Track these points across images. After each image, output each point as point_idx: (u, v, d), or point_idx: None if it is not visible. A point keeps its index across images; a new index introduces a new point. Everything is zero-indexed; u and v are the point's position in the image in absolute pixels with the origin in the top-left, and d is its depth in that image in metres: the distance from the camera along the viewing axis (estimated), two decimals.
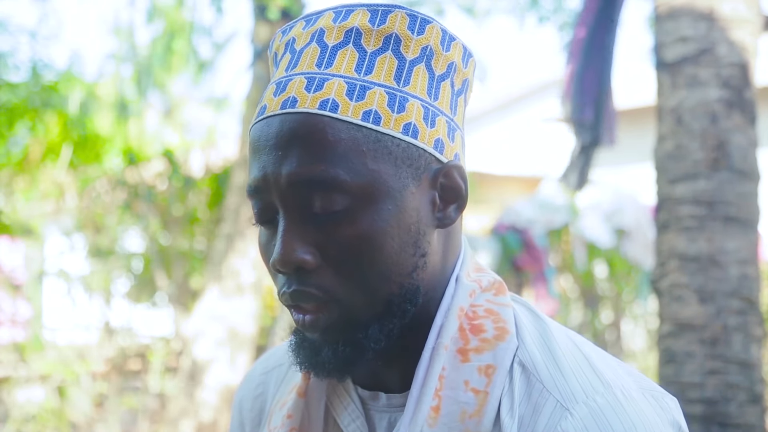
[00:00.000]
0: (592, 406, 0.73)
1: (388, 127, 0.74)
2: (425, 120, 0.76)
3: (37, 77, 6.27)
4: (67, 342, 6.10)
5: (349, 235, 0.73)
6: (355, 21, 0.77)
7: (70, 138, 6.15)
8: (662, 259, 2.42)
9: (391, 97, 0.75)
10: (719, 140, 2.35)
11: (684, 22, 2.43)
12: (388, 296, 0.75)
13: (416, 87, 0.76)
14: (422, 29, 0.78)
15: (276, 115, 0.75)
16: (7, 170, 6.09)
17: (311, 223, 0.74)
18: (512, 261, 5.46)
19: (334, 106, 0.74)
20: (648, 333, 6.57)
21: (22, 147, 6.21)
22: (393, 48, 0.77)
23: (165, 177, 5.99)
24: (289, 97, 0.75)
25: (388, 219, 0.74)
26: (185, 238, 6.04)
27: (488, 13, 6.71)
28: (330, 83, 0.75)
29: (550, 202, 5.66)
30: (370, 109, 0.74)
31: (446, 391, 0.76)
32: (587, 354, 0.79)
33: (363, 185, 0.73)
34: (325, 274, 0.74)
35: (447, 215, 0.79)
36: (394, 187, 0.74)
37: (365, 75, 0.75)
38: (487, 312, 0.79)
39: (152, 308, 6.18)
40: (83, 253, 6.15)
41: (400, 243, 0.75)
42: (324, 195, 0.73)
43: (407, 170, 0.75)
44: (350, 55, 0.76)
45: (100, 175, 6.10)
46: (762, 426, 2.29)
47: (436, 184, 0.78)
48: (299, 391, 0.84)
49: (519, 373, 0.76)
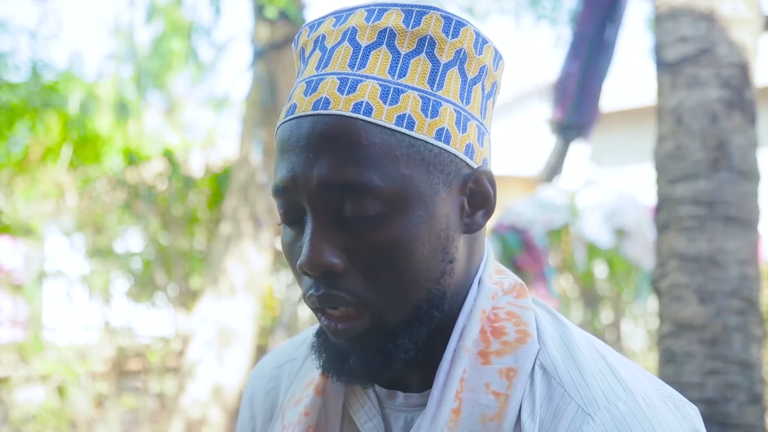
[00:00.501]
0: (614, 412, 0.72)
1: (422, 132, 0.74)
2: (457, 125, 0.76)
3: (37, 77, 6.28)
4: (67, 342, 6.10)
5: (379, 240, 0.73)
6: (389, 21, 0.76)
7: (70, 138, 6.15)
8: (662, 259, 2.42)
9: (424, 101, 0.74)
10: (719, 140, 2.35)
11: (684, 22, 2.43)
12: (416, 302, 0.75)
13: (449, 91, 0.76)
14: (457, 32, 0.77)
15: (307, 116, 0.74)
16: (7, 170, 6.09)
17: (340, 226, 0.73)
18: (512, 261, 5.46)
19: (368, 109, 0.73)
20: (648, 333, 6.57)
21: (22, 147, 6.21)
22: (427, 50, 0.75)
23: (165, 177, 5.99)
24: (322, 98, 0.74)
25: (419, 225, 0.73)
26: (185, 238, 6.04)
27: (488, 13, 6.71)
28: (363, 85, 0.74)
29: (550, 202, 5.66)
30: (404, 113, 0.73)
31: (467, 394, 0.75)
32: (609, 359, 0.78)
33: (395, 191, 0.72)
34: (353, 279, 0.74)
35: (475, 221, 0.79)
36: (426, 193, 0.74)
37: (399, 78, 0.74)
38: (509, 315, 0.79)
39: (152, 308, 6.18)
40: (83, 253, 6.15)
41: (430, 249, 0.74)
42: (355, 199, 0.72)
43: (439, 176, 0.75)
44: (384, 57, 0.75)
45: (100, 175, 6.10)
46: (762, 426, 2.29)
47: (465, 189, 0.77)
48: (317, 388, 0.83)
49: (540, 377, 0.76)
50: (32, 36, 6.37)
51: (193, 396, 4.93)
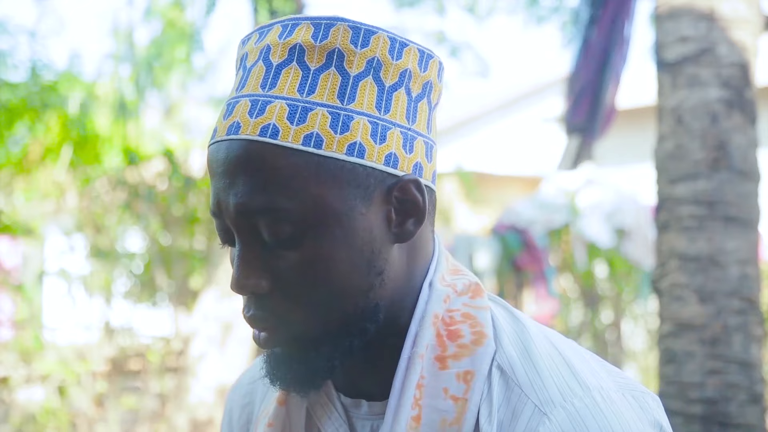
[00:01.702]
0: (570, 409, 0.72)
1: (331, 149, 0.72)
2: (373, 137, 0.74)
3: (36, 77, 6.27)
4: (67, 342, 6.09)
5: (297, 260, 0.73)
6: (299, 37, 0.75)
7: (69, 138, 6.14)
8: (662, 259, 2.42)
9: (334, 117, 0.73)
10: (719, 140, 2.35)
11: (684, 22, 2.43)
12: (341, 317, 0.75)
13: (362, 103, 0.74)
14: (366, 41, 0.75)
15: (223, 141, 0.74)
16: (7, 170, 6.09)
17: (263, 248, 0.74)
18: (512, 261, 5.46)
19: (274, 132, 0.72)
20: (648, 333, 6.56)
21: (22, 147, 6.20)
22: (336, 64, 0.74)
23: (165, 177, 5.99)
24: (234, 122, 0.74)
25: (336, 243, 0.73)
26: (185, 238, 6.04)
27: (490, 12, 6.71)
28: (272, 106, 0.73)
29: (550, 202, 5.65)
30: (311, 132, 0.72)
31: (426, 400, 0.75)
32: (565, 355, 0.77)
33: (307, 212, 0.72)
34: (277, 299, 0.74)
35: (405, 230, 0.77)
36: (340, 210, 0.73)
37: (308, 95, 0.73)
38: (464, 316, 0.78)
39: (152, 308, 6.18)
40: (83, 253, 6.14)
41: (350, 265, 0.74)
42: (270, 223, 0.73)
43: (354, 191, 0.73)
44: (294, 74, 0.74)
45: (100, 175, 6.10)
46: (762, 426, 2.29)
47: (391, 199, 0.76)
48: (279, 399, 0.84)
49: (498, 377, 0.75)
50: (31, 35, 6.37)
51: (193, 395, 4.93)
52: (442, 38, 7.63)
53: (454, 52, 7.62)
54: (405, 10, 7.79)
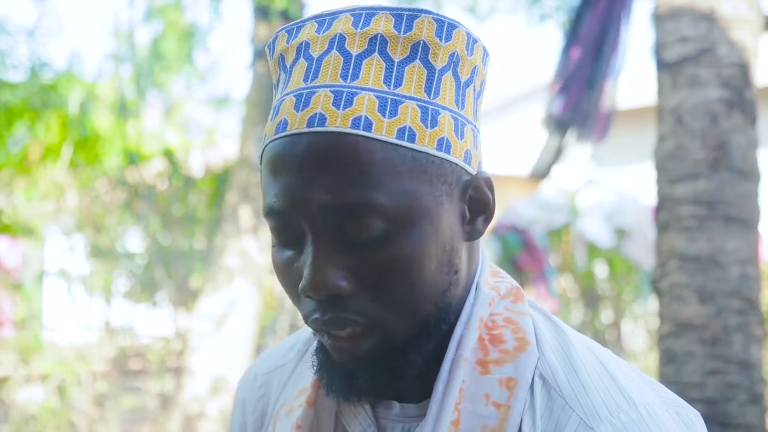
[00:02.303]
0: (617, 424, 0.70)
1: (423, 144, 0.70)
2: (456, 132, 0.73)
3: (36, 77, 6.27)
4: (67, 342, 6.10)
5: (387, 259, 0.69)
6: (378, 27, 0.72)
7: (69, 138, 6.14)
8: (662, 259, 2.42)
9: (423, 111, 0.71)
10: (719, 140, 2.35)
11: (684, 22, 2.43)
12: (424, 318, 0.73)
13: (446, 97, 0.72)
14: (449, 35, 0.73)
15: (302, 134, 0.70)
16: (7, 170, 6.09)
17: (344, 247, 0.70)
18: (512, 261, 5.46)
19: (367, 124, 0.69)
20: (648, 333, 6.57)
21: (22, 147, 6.20)
22: (421, 56, 0.72)
23: (165, 177, 6.00)
24: (317, 114, 0.69)
25: (426, 240, 0.70)
26: (185, 238, 6.04)
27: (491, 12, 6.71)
28: (360, 98, 0.69)
29: (550, 202, 5.66)
30: (404, 126, 0.69)
31: (466, 404, 0.73)
32: (609, 367, 0.76)
33: (400, 208, 0.69)
34: (361, 300, 0.71)
35: (476, 228, 0.76)
36: (431, 206, 0.71)
37: (395, 87, 0.70)
38: (506, 321, 0.76)
39: (152, 308, 6.19)
40: (83, 253, 6.15)
41: (437, 263, 0.72)
42: (360, 220, 0.69)
43: (442, 187, 0.72)
44: (377, 66, 0.71)
45: (100, 175, 6.10)
46: (762, 426, 2.29)
47: (466, 197, 0.75)
48: (309, 400, 0.81)
49: (540, 387, 0.73)
50: (31, 35, 6.37)
51: (194, 394, 4.93)
52: None
53: None
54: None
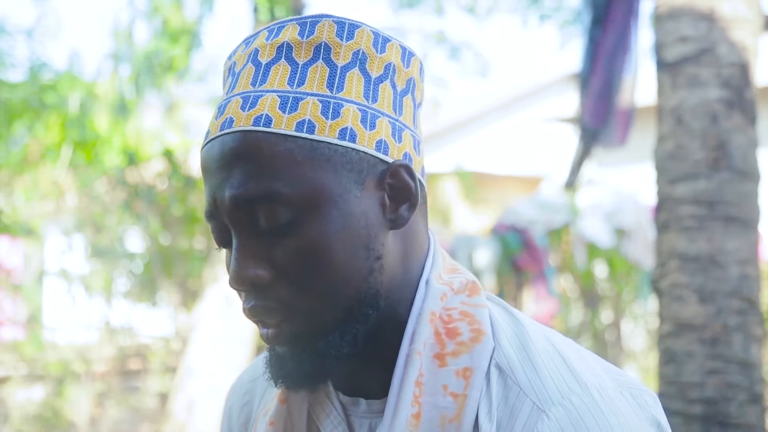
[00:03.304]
0: (568, 407, 0.72)
1: (323, 134, 0.74)
2: (363, 123, 0.76)
3: (35, 77, 6.26)
4: (67, 342, 6.10)
5: (296, 246, 0.74)
6: (285, 36, 0.78)
7: (69, 138, 6.14)
8: (662, 259, 2.42)
9: (324, 105, 0.75)
10: (719, 140, 2.35)
11: (684, 22, 2.43)
12: (346, 302, 0.75)
13: (351, 92, 0.76)
14: (351, 34, 0.78)
15: (217, 138, 0.76)
16: (6, 170, 6.09)
17: (261, 238, 0.75)
18: (512, 261, 5.47)
19: (267, 120, 0.74)
20: (648, 333, 6.57)
21: (22, 147, 6.20)
22: (324, 56, 0.77)
23: (165, 177, 6.00)
24: (227, 118, 0.76)
25: (333, 226, 0.74)
26: (185, 238, 6.05)
27: (490, 12, 6.71)
28: (263, 99, 0.75)
29: (550, 202, 5.66)
30: (303, 119, 0.74)
31: (425, 397, 0.75)
32: (564, 353, 0.78)
33: (304, 195, 0.73)
34: (280, 287, 0.75)
35: (399, 215, 0.78)
36: (336, 193, 0.74)
37: (298, 87, 0.76)
38: (462, 314, 0.79)
39: (152, 308, 6.19)
40: (83, 253, 6.15)
41: (349, 248, 0.75)
42: (267, 210, 0.73)
43: (348, 175, 0.75)
44: (283, 70, 0.77)
45: (100, 175, 6.10)
46: (762, 426, 2.29)
47: (384, 185, 0.77)
48: (281, 397, 0.84)
49: (496, 376, 0.75)
50: (30, 35, 6.36)
51: (193, 394, 4.93)
52: (441, 38, 7.63)
53: (454, 52, 7.62)
54: (404, 11, 7.79)
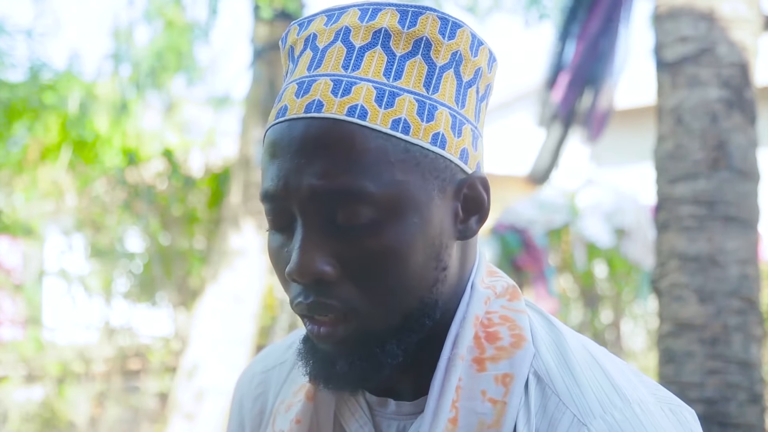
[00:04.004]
0: (610, 421, 0.71)
1: (418, 136, 0.71)
2: (453, 129, 0.74)
3: (35, 77, 6.26)
4: (67, 342, 6.10)
5: (373, 247, 0.70)
6: (383, 21, 0.74)
7: (69, 138, 6.14)
8: (662, 259, 2.42)
9: (420, 105, 0.72)
10: (719, 140, 2.35)
11: (684, 22, 2.43)
12: (407, 310, 0.73)
13: (445, 94, 0.73)
14: (453, 33, 0.74)
15: (300, 119, 0.71)
16: (6, 170, 6.09)
17: (332, 233, 0.71)
18: (512, 261, 5.47)
19: (363, 113, 0.70)
20: (648, 333, 6.57)
21: (22, 147, 6.19)
22: (423, 52, 0.73)
23: (165, 177, 6.00)
24: (315, 100, 0.71)
25: (414, 232, 0.71)
26: (185, 238, 6.04)
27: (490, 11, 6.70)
28: (358, 88, 0.71)
29: (550, 202, 5.66)
30: (399, 117, 0.71)
31: (463, 402, 0.73)
32: (603, 365, 0.76)
33: (390, 197, 0.70)
34: (345, 286, 0.72)
35: (469, 227, 0.77)
36: (421, 199, 0.72)
37: (394, 80, 0.72)
38: (503, 319, 0.77)
39: (152, 308, 6.19)
40: (83, 253, 6.15)
41: (423, 257, 0.72)
42: (349, 206, 0.70)
43: (434, 182, 0.72)
44: (378, 58, 0.73)
45: (99, 175, 6.10)
46: (762, 426, 2.29)
47: (460, 195, 0.75)
48: (308, 395, 0.81)
49: (534, 385, 0.74)
50: (30, 35, 6.36)
51: (193, 394, 4.93)
52: None
53: None
54: None
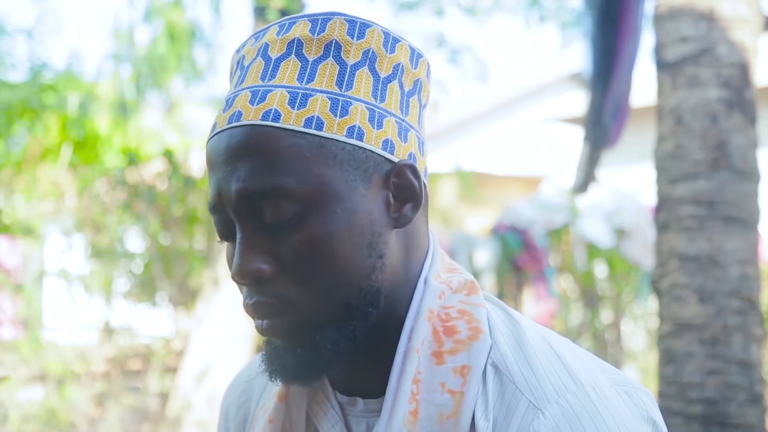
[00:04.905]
0: (564, 405, 0.73)
1: (331, 131, 0.75)
2: (371, 122, 0.77)
3: (35, 77, 6.26)
4: (67, 342, 6.10)
5: (300, 241, 0.74)
6: (296, 32, 0.78)
7: (69, 138, 6.14)
8: (662, 259, 2.42)
9: (333, 102, 0.75)
10: (719, 140, 2.35)
11: (684, 22, 2.43)
12: (346, 299, 0.76)
13: (360, 90, 0.77)
14: (362, 33, 0.78)
15: (224, 131, 0.76)
16: (6, 170, 6.09)
17: (265, 232, 0.75)
18: (512, 261, 5.47)
19: (276, 115, 0.74)
20: (648, 333, 6.57)
21: (22, 147, 6.20)
22: (334, 54, 0.77)
23: (165, 177, 5.99)
24: (235, 112, 0.76)
25: (338, 222, 0.74)
26: (185, 238, 6.04)
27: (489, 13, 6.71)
28: (272, 94, 0.76)
29: (550, 202, 5.66)
30: (312, 116, 0.75)
31: (423, 395, 0.76)
32: (559, 352, 0.78)
33: (310, 191, 0.74)
34: (282, 282, 0.75)
35: (403, 215, 0.79)
36: (342, 190, 0.75)
37: (307, 83, 0.76)
38: (460, 313, 0.79)
39: (152, 308, 6.19)
40: (83, 253, 6.15)
41: (353, 245, 0.75)
42: (273, 204, 0.74)
43: (354, 173, 0.75)
44: (293, 65, 0.77)
45: (99, 175, 6.10)
46: (762, 426, 2.29)
47: (389, 184, 0.78)
48: (280, 395, 0.84)
49: (492, 374, 0.76)
50: (30, 35, 6.36)
51: (193, 394, 4.93)
52: (441, 41, 7.62)
53: (454, 56, 7.61)
54: (404, 13, 7.78)
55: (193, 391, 4.97)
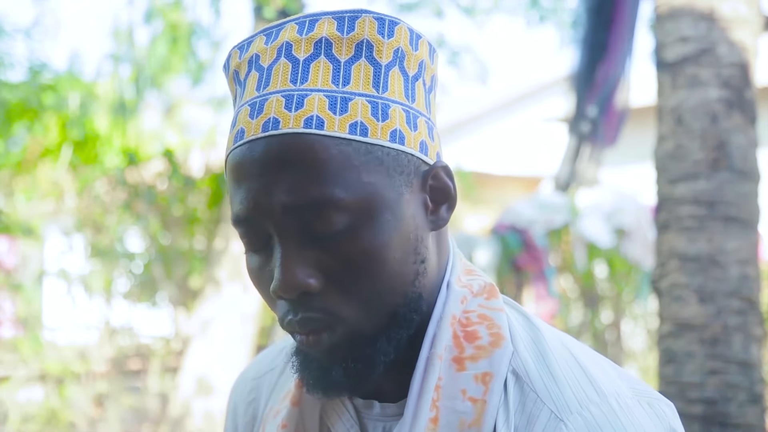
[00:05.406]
0: (587, 416, 0.72)
1: (376, 137, 0.72)
2: (408, 124, 0.75)
3: (35, 77, 6.26)
4: (67, 342, 6.10)
5: (351, 252, 0.71)
6: (322, 31, 0.74)
7: (69, 138, 6.14)
8: (662, 259, 2.42)
9: (373, 106, 0.73)
10: (719, 140, 2.35)
11: (684, 22, 2.43)
12: (393, 308, 0.74)
13: (394, 91, 0.75)
14: (392, 31, 0.75)
15: (258, 139, 0.72)
16: (6, 170, 6.09)
17: (310, 245, 0.72)
18: (512, 261, 5.46)
19: (319, 122, 0.71)
20: (648, 333, 6.57)
21: (22, 147, 6.19)
22: (366, 54, 0.74)
23: (165, 177, 6.00)
24: (270, 118, 0.72)
25: (389, 231, 0.72)
26: (185, 238, 6.05)
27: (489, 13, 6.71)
28: (310, 99, 0.72)
29: (550, 202, 5.66)
30: (355, 121, 0.72)
31: (444, 401, 0.74)
32: (581, 361, 0.77)
33: (360, 201, 0.71)
34: (328, 295, 0.72)
35: (440, 216, 0.78)
36: (391, 197, 0.73)
37: (344, 86, 0.73)
38: (481, 318, 0.78)
39: (152, 308, 6.19)
40: (83, 253, 6.15)
41: (402, 253, 0.73)
42: (322, 216, 0.71)
43: (400, 178, 0.74)
44: (324, 67, 0.73)
45: (99, 175, 6.10)
46: (762, 426, 2.29)
47: (426, 186, 0.77)
48: (293, 400, 0.82)
49: (513, 383, 0.75)
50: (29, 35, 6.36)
51: (192, 394, 4.93)
52: (441, 42, 7.63)
53: (454, 56, 7.61)
54: (403, 13, 7.79)
55: (193, 392, 4.97)
